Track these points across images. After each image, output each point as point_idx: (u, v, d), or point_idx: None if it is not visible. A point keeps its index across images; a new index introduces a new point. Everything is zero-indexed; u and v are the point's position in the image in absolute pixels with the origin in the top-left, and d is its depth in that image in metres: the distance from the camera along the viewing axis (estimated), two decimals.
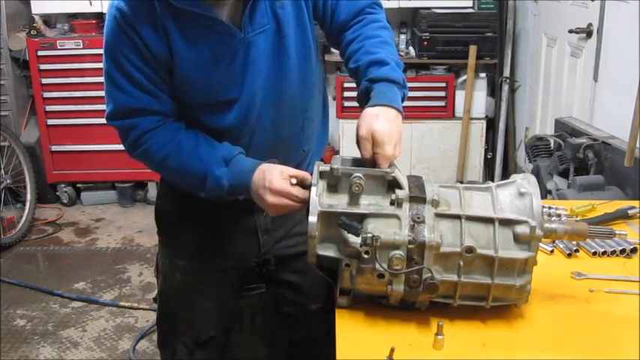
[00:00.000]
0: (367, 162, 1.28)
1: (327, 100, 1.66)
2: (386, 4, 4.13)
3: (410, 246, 1.15)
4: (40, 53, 4.07)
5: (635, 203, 1.75)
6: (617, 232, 1.31)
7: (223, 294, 1.63)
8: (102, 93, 1.44)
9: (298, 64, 1.46)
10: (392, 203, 1.19)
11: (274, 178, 1.31)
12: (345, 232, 1.17)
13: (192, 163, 1.39)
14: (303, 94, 1.50)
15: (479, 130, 4.27)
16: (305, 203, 1.28)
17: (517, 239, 1.17)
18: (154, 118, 1.40)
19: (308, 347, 1.69)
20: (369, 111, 1.30)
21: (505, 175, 4.27)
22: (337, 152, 4.34)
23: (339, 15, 1.49)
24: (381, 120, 1.27)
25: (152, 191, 4.32)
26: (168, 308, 1.67)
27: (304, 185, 1.30)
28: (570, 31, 3.11)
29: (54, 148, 4.25)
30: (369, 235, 1.13)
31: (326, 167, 1.24)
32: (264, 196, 1.32)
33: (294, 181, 1.30)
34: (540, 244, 1.24)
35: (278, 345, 1.73)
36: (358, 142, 1.29)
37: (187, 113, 1.44)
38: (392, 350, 1.08)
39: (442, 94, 4.23)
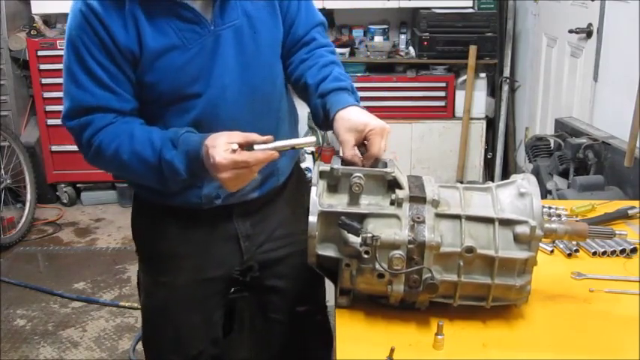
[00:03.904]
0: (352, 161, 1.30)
1: (293, 103, 1.64)
2: (386, 4, 4.21)
3: (410, 246, 1.15)
4: (40, 53, 4.07)
5: (635, 203, 1.75)
6: (617, 232, 1.31)
7: (209, 306, 1.59)
8: None
9: (270, 61, 1.47)
10: (392, 203, 1.19)
11: (217, 154, 1.24)
12: (345, 232, 1.17)
13: (145, 151, 1.32)
14: (275, 93, 1.50)
15: (479, 130, 4.27)
16: (257, 165, 1.25)
17: (517, 239, 1.17)
18: (109, 116, 1.36)
19: (298, 350, 1.68)
20: (339, 115, 1.36)
21: (505, 175, 4.27)
22: (337, 152, 4.33)
23: (297, 28, 1.51)
24: (350, 113, 1.35)
25: None
26: (154, 327, 1.63)
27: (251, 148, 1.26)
28: (570, 31, 3.11)
29: (54, 148, 4.24)
30: (369, 235, 1.13)
31: (326, 167, 1.24)
32: (216, 175, 1.27)
33: (234, 146, 1.24)
34: (540, 244, 1.24)
35: (268, 350, 1.72)
36: (342, 144, 1.33)
37: (152, 114, 1.41)
38: (392, 350, 1.08)
39: (442, 94, 4.23)
